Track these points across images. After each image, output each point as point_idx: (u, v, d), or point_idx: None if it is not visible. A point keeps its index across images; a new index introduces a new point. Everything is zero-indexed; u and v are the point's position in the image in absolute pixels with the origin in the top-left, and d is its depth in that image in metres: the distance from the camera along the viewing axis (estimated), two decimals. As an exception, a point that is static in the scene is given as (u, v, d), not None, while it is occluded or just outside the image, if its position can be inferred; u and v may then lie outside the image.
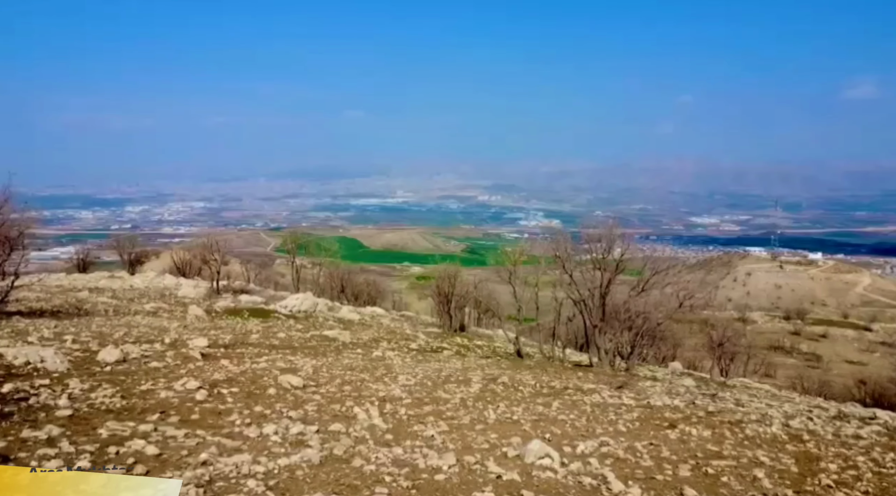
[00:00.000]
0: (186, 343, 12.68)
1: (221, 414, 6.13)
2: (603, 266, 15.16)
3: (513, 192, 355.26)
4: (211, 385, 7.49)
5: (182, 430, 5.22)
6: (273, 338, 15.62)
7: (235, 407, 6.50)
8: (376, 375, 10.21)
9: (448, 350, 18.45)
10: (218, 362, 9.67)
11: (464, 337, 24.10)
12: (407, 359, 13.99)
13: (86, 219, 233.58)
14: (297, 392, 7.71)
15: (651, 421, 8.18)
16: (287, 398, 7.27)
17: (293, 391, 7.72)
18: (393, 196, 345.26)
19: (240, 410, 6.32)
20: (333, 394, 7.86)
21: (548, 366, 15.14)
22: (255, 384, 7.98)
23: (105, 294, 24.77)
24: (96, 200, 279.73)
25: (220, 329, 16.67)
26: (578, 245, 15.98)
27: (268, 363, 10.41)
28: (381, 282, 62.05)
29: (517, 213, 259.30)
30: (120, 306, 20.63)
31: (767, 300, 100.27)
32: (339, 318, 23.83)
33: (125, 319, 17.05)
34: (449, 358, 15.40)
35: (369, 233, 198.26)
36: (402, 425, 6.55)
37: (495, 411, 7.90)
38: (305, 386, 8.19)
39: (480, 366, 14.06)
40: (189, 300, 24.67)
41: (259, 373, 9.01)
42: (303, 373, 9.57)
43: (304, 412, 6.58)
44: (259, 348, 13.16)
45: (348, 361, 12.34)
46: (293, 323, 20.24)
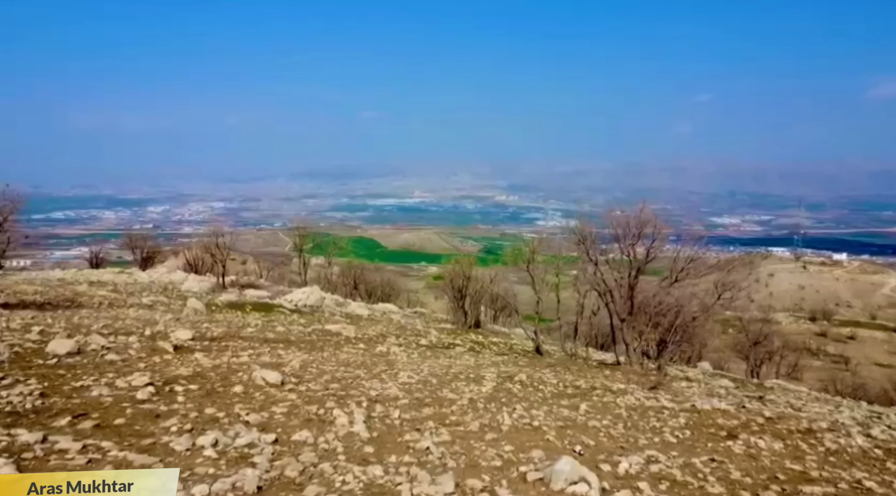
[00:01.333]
0: (168, 335, 11.42)
1: (159, 417, 4.78)
2: (632, 253, 13.60)
3: (530, 192, 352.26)
4: (166, 381, 6.16)
5: (84, 441, 3.89)
6: (269, 332, 14.32)
7: (182, 409, 5.15)
8: (374, 372, 8.81)
9: (461, 346, 17.02)
10: (191, 356, 8.36)
11: (478, 333, 22.66)
12: (414, 355, 12.58)
13: (108, 219, 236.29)
14: (271, 390, 6.34)
15: (703, 429, 6.67)
16: (254, 398, 5.90)
17: (265, 389, 6.35)
18: (410, 196, 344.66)
19: (185, 413, 4.97)
20: (314, 393, 6.47)
21: (570, 363, 13.62)
22: (222, 381, 6.64)
23: (105, 288, 23.76)
24: (119, 201, 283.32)
25: (214, 322, 15.43)
26: (604, 231, 14.44)
27: (250, 357, 9.08)
28: (397, 281, 60.87)
29: (535, 213, 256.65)
30: (117, 299, 19.56)
31: (791, 301, 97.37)
32: (347, 314, 22.53)
33: (115, 312, 15.89)
34: (461, 354, 13.95)
35: (387, 233, 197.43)
36: (392, 433, 5.14)
37: (511, 415, 6.45)
38: (284, 383, 6.82)
39: (495, 364, 12.60)
40: (191, 294, 23.56)
41: (234, 368, 7.68)
42: (287, 368, 8.21)
43: (267, 416, 5.20)
44: (249, 341, 11.85)
45: (346, 356, 10.97)
46: (296, 317, 18.96)
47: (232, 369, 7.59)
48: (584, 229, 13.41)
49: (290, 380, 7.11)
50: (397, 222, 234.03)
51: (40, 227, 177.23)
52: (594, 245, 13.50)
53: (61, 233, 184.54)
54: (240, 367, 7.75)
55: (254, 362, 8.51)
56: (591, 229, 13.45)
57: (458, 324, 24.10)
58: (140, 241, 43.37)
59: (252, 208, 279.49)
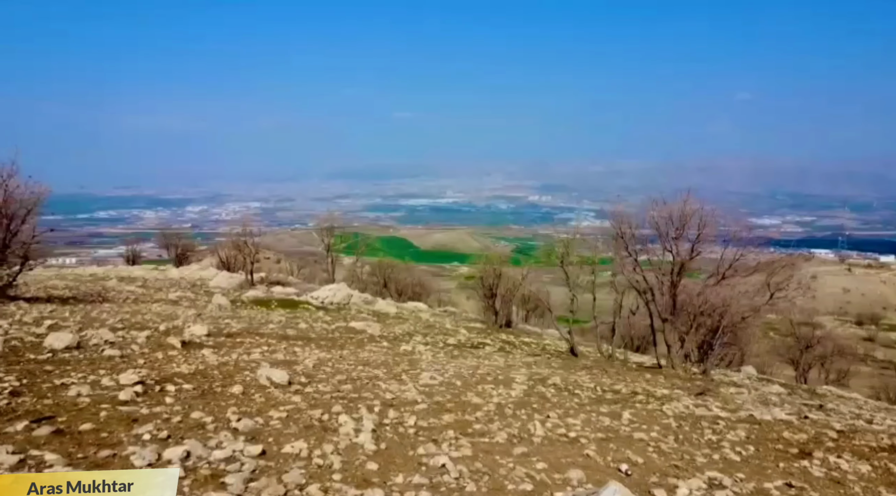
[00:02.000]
0: (183, 330, 10.95)
1: (136, 422, 4.15)
2: (675, 249, 12.58)
3: (563, 192, 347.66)
4: (160, 380, 5.57)
5: (26, 453, 3.26)
6: (290, 329, 13.79)
7: (167, 412, 4.51)
8: (394, 372, 8.10)
9: (490, 346, 16.21)
10: (198, 352, 7.79)
11: (510, 333, 21.80)
12: (440, 354, 11.84)
13: (149, 218, 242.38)
14: (274, 391, 5.68)
15: (768, 444, 5.74)
16: (253, 400, 5.25)
17: (268, 390, 5.69)
18: (443, 196, 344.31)
19: (167, 418, 4.33)
20: (322, 395, 5.79)
21: (607, 366, 12.67)
22: (224, 380, 6.01)
23: (135, 283, 23.75)
24: (159, 201, 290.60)
25: (236, 318, 15.01)
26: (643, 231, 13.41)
27: (263, 354, 8.47)
28: (429, 280, 60.21)
29: (568, 214, 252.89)
30: (143, 295, 19.39)
31: (835, 304, 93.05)
32: (374, 311, 21.94)
33: (138, 307, 15.62)
34: (490, 354, 13.15)
35: (419, 233, 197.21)
36: (403, 445, 4.40)
37: (544, 424, 5.65)
38: (291, 383, 6.16)
39: (526, 365, 11.76)
40: (219, 290, 23.34)
41: (242, 365, 7.07)
42: (300, 367, 7.57)
43: (262, 422, 4.52)
44: (267, 338, 11.30)
45: (366, 355, 10.29)
46: (322, 314, 18.45)
47: (238, 367, 6.98)
48: (623, 221, 12.41)
49: (299, 380, 6.45)
50: (430, 222, 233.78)
51: (85, 227, 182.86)
52: (633, 239, 12.50)
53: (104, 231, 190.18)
54: (247, 365, 7.15)
55: (265, 360, 7.90)
56: (629, 221, 12.45)
57: (489, 323, 23.28)
58: (174, 240, 43.84)
59: (287, 208, 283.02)
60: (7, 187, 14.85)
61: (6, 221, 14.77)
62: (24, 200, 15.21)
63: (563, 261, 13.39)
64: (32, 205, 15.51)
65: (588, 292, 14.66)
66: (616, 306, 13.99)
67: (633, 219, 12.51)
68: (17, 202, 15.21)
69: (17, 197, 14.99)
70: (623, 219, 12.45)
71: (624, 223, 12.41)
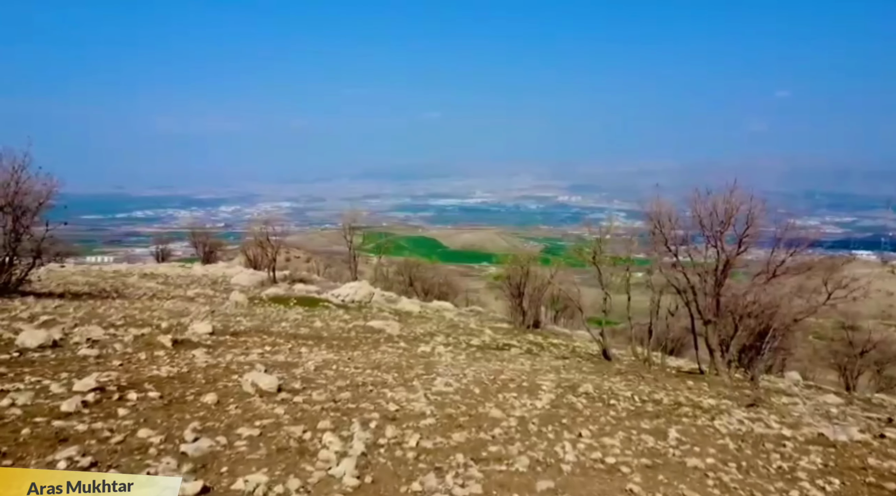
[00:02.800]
0: (186, 329, 10.28)
1: (62, 443, 3.34)
2: (720, 244, 11.38)
3: (592, 192, 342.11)
4: (127, 386, 4.79)
5: None
6: (304, 327, 13.04)
7: (110, 428, 3.71)
8: (406, 377, 7.21)
9: (516, 347, 15.21)
10: (189, 352, 7.03)
11: (537, 334, 20.75)
12: (460, 356, 10.90)
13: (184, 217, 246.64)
14: (255, 401, 4.84)
15: (853, 474, 4.66)
16: (226, 412, 4.41)
17: (249, 400, 4.86)
18: (472, 196, 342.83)
19: (105, 437, 3.52)
20: (313, 405, 4.92)
21: (643, 371, 11.55)
22: (202, 386, 5.21)
23: (156, 280, 23.45)
24: (193, 201, 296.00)
25: (250, 316, 14.34)
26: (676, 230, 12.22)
27: (262, 356, 7.68)
28: (456, 280, 59.29)
29: (598, 214, 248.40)
30: (161, 291, 18.96)
31: (877, 308, 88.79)
32: (397, 310, 21.13)
33: (150, 303, 15.09)
34: (515, 357, 12.16)
35: (448, 233, 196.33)
36: (397, 475, 3.49)
37: (574, 446, 4.67)
38: (280, 390, 5.32)
39: (555, 369, 10.75)
40: (239, 287, 22.86)
41: (232, 369, 6.27)
42: (299, 370, 6.74)
43: (224, 442, 3.68)
44: (275, 337, 10.55)
45: (379, 357, 9.43)
46: (341, 313, 17.70)
47: (227, 370, 6.18)
48: (662, 215, 11.26)
49: (291, 387, 5.60)
50: (458, 222, 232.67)
51: (123, 226, 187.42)
52: (673, 234, 11.33)
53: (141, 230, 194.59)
54: (238, 368, 6.35)
55: (262, 362, 7.10)
56: (669, 214, 11.28)
57: (516, 323, 22.26)
58: (202, 237, 43.84)
59: (317, 208, 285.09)
60: (18, 180, 14.47)
61: (17, 214, 14.38)
62: (35, 193, 14.82)
63: (596, 258, 12.28)
64: (45, 198, 15.11)
65: (620, 292, 13.55)
66: (654, 307, 12.83)
67: (672, 213, 11.32)
68: (28, 195, 14.83)
69: (27, 190, 14.60)
70: (662, 212, 11.29)
71: (663, 217, 11.25)
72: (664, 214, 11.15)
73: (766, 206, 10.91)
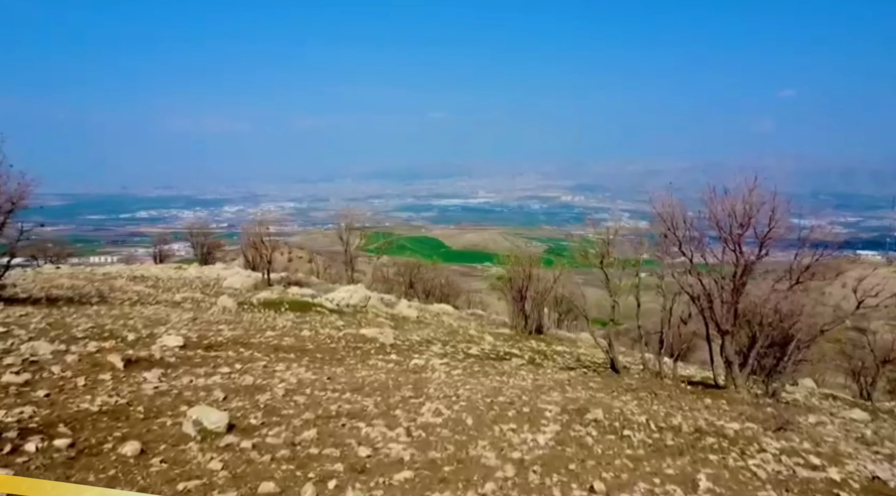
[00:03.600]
0: (154, 341, 9.41)
1: None
2: (738, 247, 10.43)
3: (597, 192, 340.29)
4: (30, 428, 3.90)
5: None
6: (289, 337, 12.15)
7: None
8: (389, 403, 6.31)
9: (518, 356, 14.30)
10: (138, 376, 6.13)
11: (540, 340, 19.83)
12: (456, 370, 9.99)
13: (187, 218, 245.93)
14: (189, 450, 3.93)
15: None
16: (145, 469, 3.52)
17: (184, 447, 3.96)
18: (475, 196, 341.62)
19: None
20: (263, 454, 4.01)
21: (655, 386, 10.60)
22: (138, 424, 4.32)
23: (146, 282, 22.61)
24: (197, 201, 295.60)
25: (234, 323, 13.48)
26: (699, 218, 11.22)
27: (226, 378, 6.78)
28: (459, 280, 58.32)
29: (602, 214, 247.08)
30: (147, 296, 18.12)
31: (884, 309, 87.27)
32: (393, 315, 20.24)
33: (130, 310, 14.24)
34: (517, 369, 11.23)
35: (451, 233, 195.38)
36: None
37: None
38: (231, 428, 4.42)
39: (559, 384, 9.82)
40: (230, 291, 22.01)
41: (184, 397, 5.38)
42: (265, 396, 5.84)
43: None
44: (253, 350, 9.65)
45: (365, 374, 8.52)
46: (334, 318, 16.80)
47: (178, 400, 5.29)
48: (675, 215, 10.29)
49: (246, 424, 4.70)
50: (461, 222, 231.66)
51: (127, 226, 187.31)
52: (687, 236, 10.36)
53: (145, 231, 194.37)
54: (192, 396, 5.45)
55: (224, 386, 6.20)
56: (683, 214, 10.31)
57: (518, 329, 21.35)
58: (201, 238, 42.96)
59: (320, 208, 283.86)
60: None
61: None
62: (8, 193, 13.97)
63: (603, 261, 11.33)
64: (19, 198, 14.26)
65: (626, 294, 12.60)
66: (665, 315, 11.87)
67: (686, 213, 10.33)
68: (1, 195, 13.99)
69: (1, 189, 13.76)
70: (675, 212, 10.32)
71: (677, 218, 10.28)
72: (678, 215, 10.17)
73: (790, 205, 9.93)
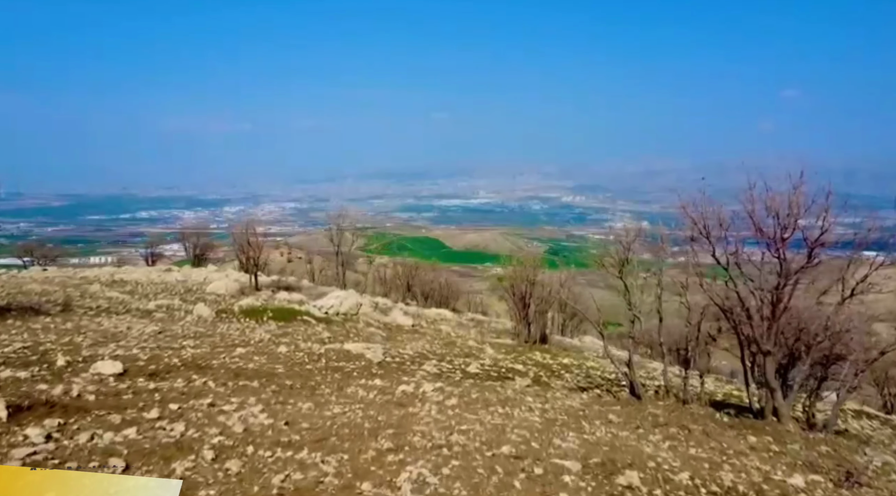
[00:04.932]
0: (89, 367, 7.88)
1: None
2: (782, 252, 8.88)
3: (598, 193, 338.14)
4: None
5: None
6: (261, 355, 10.61)
7: None
8: (357, 466, 4.78)
9: (522, 374, 12.76)
10: (16, 435, 4.61)
11: (545, 351, 18.30)
12: (452, 399, 8.43)
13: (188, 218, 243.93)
14: None
15: None
16: None
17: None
18: (475, 196, 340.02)
19: None
20: None
21: (685, 418, 9.03)
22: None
23: (124, 287, 21.13)
24: (198, 201, 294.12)
25: (203, 337, 11.95)
26: None
27: (146, 429, 5.23)
28: (460, 282, 56.85)
29: (603, 215, 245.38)
30: (122, 302, 16.60)
31: (886, 310, 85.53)
32: (386, 324, 18.71)
33: (90, 321, 12.70)
34: (521, 395, 9.66)
35: (451, 233, 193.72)
36: None
37: None
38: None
39: (574, 416, 8.28)
40: (214, 297, 20.52)
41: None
42: (187, 462, 4.32)
43: None
44: (207, 379, 8.09)
45: (338, 410, 6.98)
46: (320, 329, 15.29)
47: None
48: (712, 213, 8.69)
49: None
50: (462, 223, 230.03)
51: (127, 227, 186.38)
52: (725, 237, 8.78)
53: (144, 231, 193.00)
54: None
55: (137, 445, 4.67)
56: (721, 214, 8.71)
57: (520, 339, 19.83)
58: (193, 239, 41.51)
59: (321, 208, 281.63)
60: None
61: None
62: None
63: (623, 270, 9.75)
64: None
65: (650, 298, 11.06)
66: (692, 331, 10.32)
67: (721, 213, 8.72)
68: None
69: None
70: (709, 212, 8.73)
71: (711, 220, 8.69)
72: (715, 215, 8.58)
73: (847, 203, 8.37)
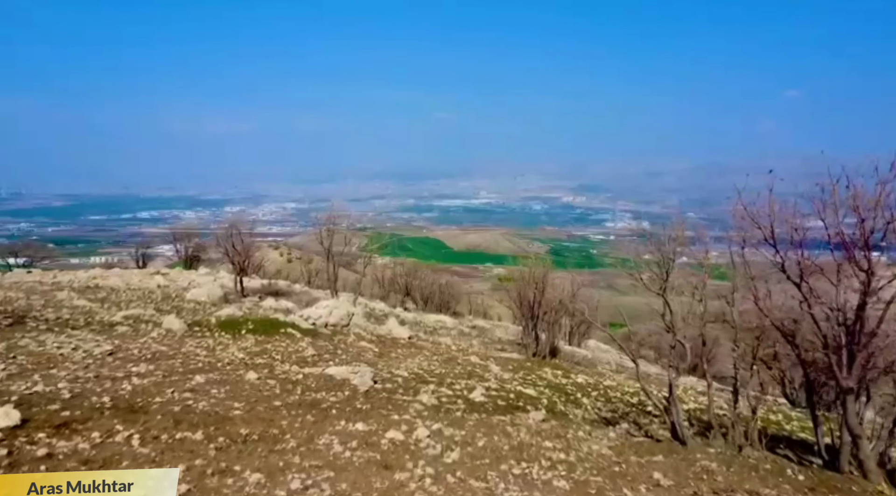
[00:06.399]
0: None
1: None
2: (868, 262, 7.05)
3: (599, 193, 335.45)
4: None
5: None
6: (222, 386, 8.77)
7: None
8: None
9: (535, 401, 10.95)
10: None
11: (555, 367, 16.48)
12: (451, 454, 6.59)
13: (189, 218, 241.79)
14: None
15: None
16: None
17: None
18: (476, 197, 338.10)
19: None
20: None
21: (746, 470, 7.15)
22: None
23: (96, 294, 19.37)
24: (199, 201, 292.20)
25: (161, 360, 10.12)
26: None
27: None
28: (461, 283, 55.17)
29: (603, 215, 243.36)
30: (85, 313, 14.76)
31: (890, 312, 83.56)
32: (380, 336, 16.89)
33: (34, 338, 10.89)
34: (539, 436, 7.81)
35: (452, 233, 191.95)
36: None
37: None
38: None
39: (611, 477, 6.44)
40: (193, 306, 18.74)
41: None
42: None
43: None
44: (135, 428, 6.27)
45: (298, 484, 5.14)
46: (304, 344, 13.44)
47: None
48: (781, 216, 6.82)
49: None
50: (463, 223, 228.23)
51: (128, 227, 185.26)
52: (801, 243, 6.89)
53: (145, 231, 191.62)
54: None
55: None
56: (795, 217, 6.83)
57: (528, 351, 18.01)
58: (184, 240, 39.72)
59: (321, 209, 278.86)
60: None
61: None
62: None
63: (664, 287, 7.86)
64: None
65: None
66: (738, 359, 8.46)
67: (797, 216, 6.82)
68: None
69: None
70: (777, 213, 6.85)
71: (779, 222, 6.81)
72: (786, 219, 6.69)
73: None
